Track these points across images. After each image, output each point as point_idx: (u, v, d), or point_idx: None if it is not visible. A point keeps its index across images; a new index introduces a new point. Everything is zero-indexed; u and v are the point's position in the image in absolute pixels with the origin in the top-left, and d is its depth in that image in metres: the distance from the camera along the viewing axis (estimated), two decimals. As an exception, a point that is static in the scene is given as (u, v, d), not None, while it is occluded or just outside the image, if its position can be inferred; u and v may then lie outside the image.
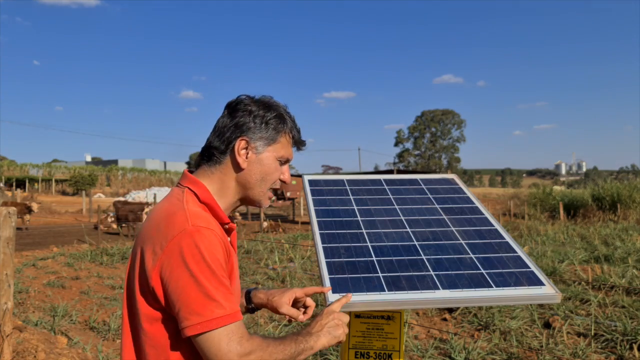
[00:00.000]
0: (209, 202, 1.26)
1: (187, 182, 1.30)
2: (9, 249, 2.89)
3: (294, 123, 1.38)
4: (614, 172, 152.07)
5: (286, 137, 1.35)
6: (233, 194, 1.32)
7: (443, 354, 4.45)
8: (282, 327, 5.04)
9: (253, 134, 1.30)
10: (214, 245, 1.15)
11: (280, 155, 1.34)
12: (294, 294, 1.44)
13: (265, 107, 1.33)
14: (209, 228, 1.16)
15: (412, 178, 1.95)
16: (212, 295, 1.09)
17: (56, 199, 35.34)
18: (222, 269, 1.14)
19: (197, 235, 1.13)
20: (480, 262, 1.44)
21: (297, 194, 28.22)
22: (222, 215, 1.27)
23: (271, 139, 1.32)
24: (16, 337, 4.01)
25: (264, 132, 1.31)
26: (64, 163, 67.70)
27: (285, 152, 1.35)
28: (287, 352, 1.17)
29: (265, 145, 1.32)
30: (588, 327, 5.08)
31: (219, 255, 1.14)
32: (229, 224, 1.29)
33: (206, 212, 1.24)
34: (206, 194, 1.27)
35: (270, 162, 1.33)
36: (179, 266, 1.11)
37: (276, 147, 1.33)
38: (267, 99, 1.37)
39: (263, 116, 1.32)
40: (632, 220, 18.76)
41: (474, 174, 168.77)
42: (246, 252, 10.80)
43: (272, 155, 1.33)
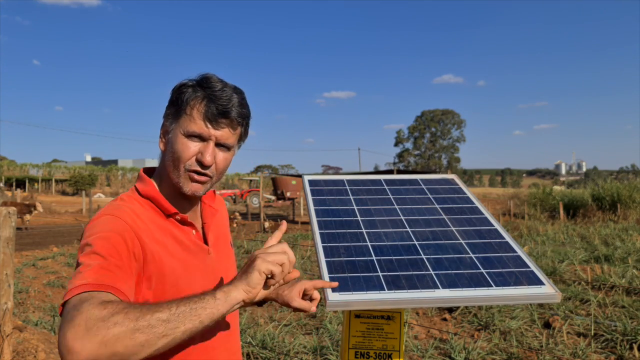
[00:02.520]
0: (151, 195, 1.19)
1: (137, 180, 1.26)
2: (9, 249, 2.90)
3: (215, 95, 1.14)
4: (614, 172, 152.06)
5: (194, 109, 1.14)
6: (169, 184, 1.21)
7: (443, 354, 4.45)
8: (281, 327, 5.05)
9: (167, 111, 1.20)
10: (109, 225, 1.06)
11: (186, 130, 1.14)
12: (303, 287, 1.36)
13: (190, 82, 1.18)
14: (112, 215, 1.09)
15: (412, 178, 1.95)
16: (80, 269, 0.98)
17: (56, 199, 35.35)
18: (112, 247, 1.02)
19: (94, 221, 1.09)
20: (480, 261, 1.44)
21: (297, 194, 28.23)
22: (167, 206, 1.19)
23: (177, 113, 1.16)
24: (16, 337, 4.01)
25: (172, 107, 1.18)
26: (64, 163, 67.74)
27: (193, 125, 1.14)
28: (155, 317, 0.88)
29: (172, 122, 1.17)
30: (588, 327, 5.08)
31: (113, 238, 1.04)
32: (177, 214, 1.20)
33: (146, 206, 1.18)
34: (148, 188, 1.20)
35: (176, 139, 1.15)
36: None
37: (182, 121, 1.15)
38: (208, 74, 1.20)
39: (177, 88, 1.18)
40: (632, 220, 18.75)
41: (474, 174, 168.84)
42: (246, 252, 10.80)
43: (177, 132, 1.15)
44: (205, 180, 1.18)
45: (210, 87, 1.15)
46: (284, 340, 4.65)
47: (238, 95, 1.18)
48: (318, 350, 4.35)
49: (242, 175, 56.81)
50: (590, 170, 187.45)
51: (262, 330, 4.86)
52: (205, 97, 1.14)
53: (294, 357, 4.27)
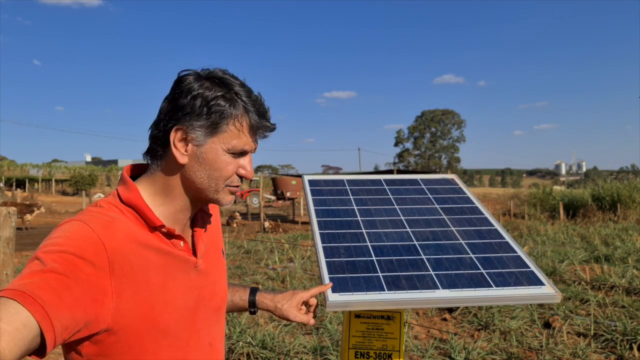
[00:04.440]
0: (135, 204, 1.05)
1: (119, 183, 1.10)
2: (9, 249, 2.89)
3: (252, 103, 1.08)
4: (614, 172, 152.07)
5: (237, 123, 1.06)
6: (181, 194, 1.10)
7: (443, 354, 4.45)
8: (281, 327, 5.05)
9: (191, 121, 1.04)
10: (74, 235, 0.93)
11: (231, 147, 1.06)
12: (301, 300, 1.37)
13: (211, 86, 1.06)
14: (81, 222, 0.96)
15: (412, 178, 1.95)
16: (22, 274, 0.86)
17: (56, 199, 35.35)
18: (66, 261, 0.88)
19: (61, 226, 0.96)
20: (480, 261, 1.44)
21: (297, 194, 28.22)
22: (152, 218, 1.05)
23: (214, 126, 1.05)
24: (16, 337, 4.01)
25: (205, 118, 1.04)
26: (64, 163, 67.75)
27: (238, 142, 1.07)
28: None
29: (207, 134, 1.05)
30: (588, 327, 5.08)
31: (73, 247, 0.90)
32: (163, 226, 1.06)
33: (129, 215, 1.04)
34: (131, 195, 1.06)
35: (215, 155, 1.06)
36: None
37: (223, 137, 1.06)
38: (218, 73, 1.08)
39: (205, 97, 1.04)
40: (632, 220, 18.75)
41: (474, 174, 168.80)
42: (246, 252, 10.80)
43: (217, 148, 1.06)
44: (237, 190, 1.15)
45: (243, 96, 1.07)
46: (284, 340, 4.65)
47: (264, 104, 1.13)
48: (318, 350, 4.34)
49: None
50: (590, 170, 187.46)
51: (262, 330, 4.86)
52: (247, 112, 1.07)
53: (294, 357, 4.27)
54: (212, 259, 1.23)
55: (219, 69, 1.10)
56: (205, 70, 1.10)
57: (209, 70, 1.09)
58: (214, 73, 1.08)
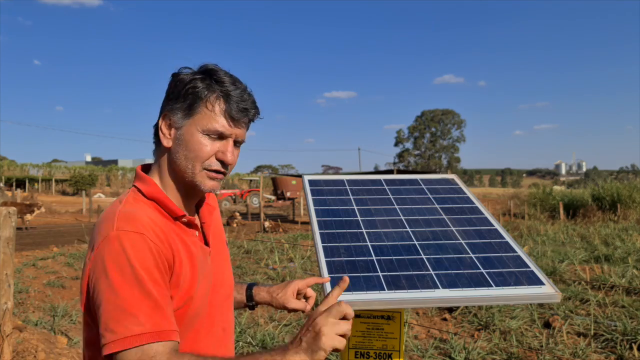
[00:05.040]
0: (157, 197, 1.12)
1: (135, 179, 1.17)
2: (9, 249, 2.89)
3: (231, 88, 1.11)
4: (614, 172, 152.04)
5: (211, 105, 1.10)
6: (175, 182, 1.15)
7: (443, 354, 4.45)
8: (281, 327, 5.05)
9: (172, 105, 1.11)
10: (141, 250, 0.99)
11: (206, 128, 1.10)
12: (296, 287, 1.40)
13: (193, 73, 1.13)
14: (136, 232, 1.01)
15: (412, 178, 1.95)
16: (128, 309, 0.94)
17: (56, 199, 35.35)
18: (152, 278, 0.99)
19: (119, 240, 0.99)
20: (480, 261, 1.44)
21: (297, 194, 28.24)
22: (174, 208, 1.12)
23: (190, 108, 1.10)
24: (16, 337, 4.01)
25: (182, 100, 1.10)
26: (64, 163, 67.75)
27: (213, 123, 1.10)
28: None
29: (184, 116, 1.11)
30: (588, 327, 5.08)
31: (148, 262, 0.99)
32: (184, 216, 1.14)
33: (157, 209, 1.11)
34: (152, 189, 1.12)
35: (191, 136, 1.10)
36: (101, 277, 0.97)
37: (198, 118, 1.10)
38: (207, 65, 1.14)
39: (183, 80, 1.11)
40: (632, 220, 18.75)
41: (474, 174, 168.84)
42: (246, 252, 10.80)
43: (193, 129, 1.10)
44: (222, 178, 1.16)
45: (225, 82, 1.11)
46: (284, 340, 4.65)
47: (251, 94, 1.17)
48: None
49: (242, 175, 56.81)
50: (590, 170, 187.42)
51: (262, 330, 4.86)
52: (225, 95, 1.11)
53: (294, 357, 4.26)
54: (219, 248, 1.30)
55: (211, 63, 1.15)
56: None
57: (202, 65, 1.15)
58: (203, 65, 1.14)
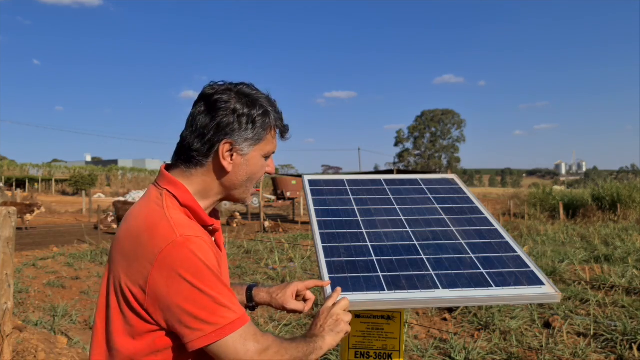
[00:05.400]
0: (191, 205, 1.20)
1: (165, 182, 1.21)
2: (9, 249, 2.89)
3: (278, 113, 1.29)
4: (614, 172, 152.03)
5: (272, 132, 1.27)
6: (215, 195, 1.26)
7: (443, 354, 4.45)
8: (282, 327, 5.05)
9: (239, 136, 1.21)
10: (207, 251, 1.11)
11: (267, 152, 1.27)
12: (295, 288, 1.44)
13: (250, 104, 1.23)
14: (197, 236, 1.11)
15: (412, 178, 1.95)
16: (220, 301, 1.08)
17: (56, 199, 35.34)
18: (218, 276, 1.11)
19: (188, 245, 1.08)
20: (480, 261, 1.44)
21: (297, 194, 28.23)
22: (205, 217, 1.21)
23: (257, 138, 1.24)
24: (16, 337, 4.01)
25: (250, 132, 1.22)
26: (64, 163, 67.72)
27: (272, 147, 1.28)
28: (301, 349, 1.18)
29: (251, 145, 1.23)
30: (588, 327, 5.08)
31: (214, 262, 1.11)
32: (213, 225, 1.24)
33: (188, 216, 1.18)
34: (187, 197, 1.20)
35: (256, 161, 1.26)
36: (176, 280, 1.06)
37: (262, 145, 1.25)
38: (248, 90, 1.25)
39: (249, 115, 1.21)
40: (632, 220, 18.75)
41: (474, 174, 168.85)
42: (246, 252, 10.79)
43: (257, 155, 1.25)
44: None
45: (274, 107, 1.27)
46: (284, 340, 4.65)
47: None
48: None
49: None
50: (590, 170, 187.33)
51: (262, 330, 4.86)
52: (278, 119, 1.28)
53: (294, 357, 4.27)
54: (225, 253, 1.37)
55: (245, 84, 1.26)
56: (232, 85, 1.25)
57: (238, 88, 1.24)
58: (245, 91, 1.24)
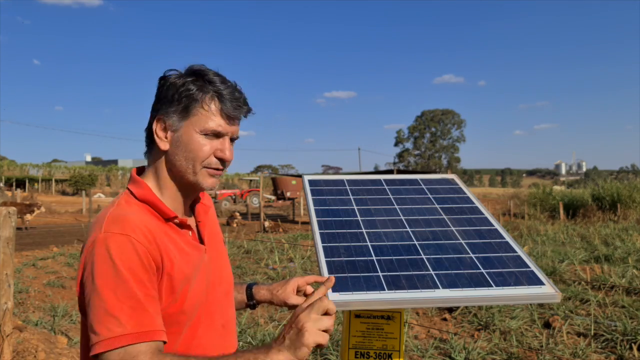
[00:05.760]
0: (148, 199, 1.15)
1: (129, 182, 1.21)
2: (9, 249, 2.89)
3: (223, 87, 1.16)
4: (614, 172, 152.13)
5: (207, 105, 1.14)
6: (172, 183, 1.19)
7: (443, 354, 4.45)
8: (282, 327, 5.05)
9: (166, 109, 1.14)
10: (127, 251, 1.02)
11: (203, 129, 1.14)
12: (296, 284, 1.42)
13: (182, 75, 1.16)
14: (122, 234, 1.04)
15: (412, 178, 1.95)
16: (110, 310, 0.97)
17: (56, 199, 35.36)
18: (136, 278, 1.01)
19: (105, 243, 1.02)
20: (480, 261, 1.45)
21: (297, 194, 28.24)
22: (166, 210, 1.15)
23: (185, 110, 1.14)
24: (16, 337, 4.01)
25: (176, 103, 1.14)
26: (64, 163, 67.77)
27: (210, 123, 1.14)
28: None
29: (180, 119, 1.14)
30: (588, 327, 5.08)
31: (133, 263, 1.02)
32: (176, 217, 1.17)
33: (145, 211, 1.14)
34: (144, 191, 1.16)
35: (189, 137, 1.14)
36: (88, 279, 1.02)
37: (195, 119, 1.14)
38: (194, 66, 1.17)
39: (175, 85, 1.14)
40: (632, 220, 18.76)
41: (474, 174, 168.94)
42: (246, 252, 10.80)
43: (191, 130, 1.14)
44: (220, 174, 1.21)
45: (216, 82, 1.15)
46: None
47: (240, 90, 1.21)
48: (318, 350, 4.35)
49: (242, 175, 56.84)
50: (590, 170, 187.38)
51: (262, 330, 4.86)
52: (218, 94, 1.15)
53: (294, 357, 4.27)
54: (216, 247, 1.32)
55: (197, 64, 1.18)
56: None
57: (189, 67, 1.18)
58: (190, 67, 1.18)
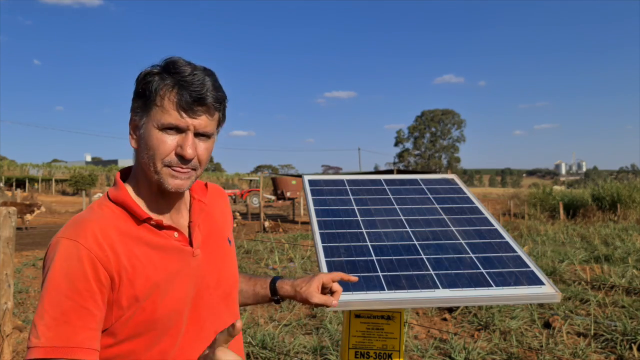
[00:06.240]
0: (122, 201, 1.09)
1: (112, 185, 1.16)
2: (9, 249, 2.90)
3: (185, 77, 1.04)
4: (614, 172, 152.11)
5: (162, 97, 1.04)
6: (146, 183, 1.12)
7: (443, 354, 4.45)
8: (281, 327, 5.05)
9: (133, 105, 1.09)
10: (68, 258, 0.98)
11: (159, 123, 1.04)
12: (320, 281, 1.33)
13: (150, 67, 1.08)
14: (71, 239, 1.00)
15: (412, 178, 1.95)
16: (35, 319, 0.97)
17: (56, 199, 35.35)
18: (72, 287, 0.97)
19: (55, 247, 1.00)
20: (480, 261, 1.44)
21: (297, 194, 28.24)
22: (139, 211, 1.08)
23: (146, 105, 1.06)
24: (16, 337, 4.01)
25: (139, 97, 1.07)
26: (64, 163, 67.77)
27: (166, 117, 1.04)
28: None
29: (143, 115, 1.07)
30: (588, 327, 5.08)
31: (73, 270, 0.97)
32: (150, 219, 1.09)
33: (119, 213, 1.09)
34: (118, 192, 1.11)
35: (149, 134, 1.06)
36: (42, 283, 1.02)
37: (153, 113, 1.05)
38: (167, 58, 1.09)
39: (138, 78, 1.08)
40: (632, 220, 18.76)
41: (474, 174, 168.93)
42: (246, 252, 10.80)
43: (150, 126, 1.05)
44: (188, 174, 1.09)
45: (179, 72, 1.04)
46: (284, 340, 4.65)
47: (210, 78, 1.07)
48: (318, 351, 4.35)
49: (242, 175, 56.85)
50: (590, 170, 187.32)
51: (262, 330, 4.86)
52: (175, 84, 1.04)
53: (294, 357, 4.27)
54: (215, 247, 1.24)
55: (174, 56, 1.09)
56: None
57: None
58: (170, 59, 1.08)
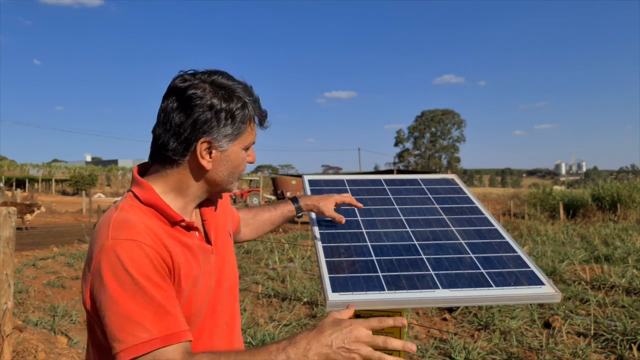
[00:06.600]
0: (155, 203, 1.12)
1: (132, 184, 1.18)
2: (9, 249, 2.89)
3: (256, 102, 1.20)
4: (614, 172, 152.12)
5: (251, 123, 1.20)
6: (195, 192, 1.19)
7: (443, 354, 4.45)
8: (281, 327, 5.05)
9: (217, 133, 1.13)
10: (138, 257, 1.00)
11: (247, 144, 1.21)
12: (334, 200, 1.58)
13: (227, 97, 1.14)
14: (131, 239, 1.02)
15: (412, 178, 1.95)
16: (133, 317, 0.96)
17: (56, 199, 35.35)
18: (152, 282, 1.00)
19: (116, 249, 1.00)
20: (480, 261, 1.44)
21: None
22: (173, 214, 1.13)
23: (237, 133, 1.16)
24: (16, 337, 4.01)
25: (230, 128, 1.15)
26: (64, 163, 67.78)
27: (252, 138, 1.22)
28: None
29: (230, 141, 1.16)
30: (588, 327, 5.08)
31: (145, 268, 1.00)
32: (183, 221, 1.15)
33: (150, 214, 1.11)
34: (150, 195, 1.13)
35: (237, 155, 1.20)
36: (101, 289, 0.99)
37: (242, 138, 1.18)
38: (223, 81, 1.15)
39: (227, 110, 1.13)
40: (632, 220, 18.76)
41: (474, 174, 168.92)
42: (246, 252, 10.80)
43: (238, 149, 1.19)
44: None
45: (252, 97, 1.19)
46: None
47: None
48: None
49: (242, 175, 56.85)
50: (590, 170, 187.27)
51: (262, 330, 4.86)
52: (256, 108, 1.20)
53: (294, 357, 4.27)
54: (222, 242, 1.31)
55: (218, 74, 1.16)
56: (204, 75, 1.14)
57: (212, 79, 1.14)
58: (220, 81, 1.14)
